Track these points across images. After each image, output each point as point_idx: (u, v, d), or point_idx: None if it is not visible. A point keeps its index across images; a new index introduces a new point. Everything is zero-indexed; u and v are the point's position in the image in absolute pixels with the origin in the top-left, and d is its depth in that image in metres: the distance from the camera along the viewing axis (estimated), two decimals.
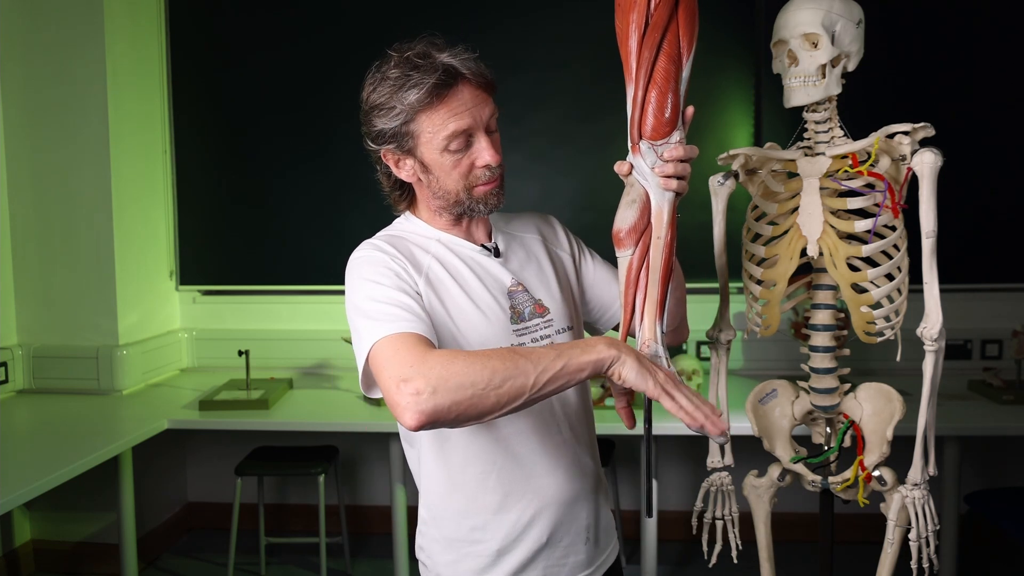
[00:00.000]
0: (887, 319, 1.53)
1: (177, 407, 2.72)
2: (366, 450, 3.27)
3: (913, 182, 1.45)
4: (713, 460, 1.72)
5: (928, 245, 1.42)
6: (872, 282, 1.51)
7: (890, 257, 1.51)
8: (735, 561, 1.75)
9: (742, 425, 1.77)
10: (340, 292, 1.16)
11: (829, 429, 1.65)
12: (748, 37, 2.93)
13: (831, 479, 1.61)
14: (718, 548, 1.72)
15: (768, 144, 1.66)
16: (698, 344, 2.93)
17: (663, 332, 1.04)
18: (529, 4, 3.00)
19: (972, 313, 2.94)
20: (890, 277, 1.51)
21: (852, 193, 1.50)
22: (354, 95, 1.17)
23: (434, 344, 1.03)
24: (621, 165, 1.05)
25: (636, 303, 1.04)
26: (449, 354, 0.96)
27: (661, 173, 1.01)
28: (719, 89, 2.95)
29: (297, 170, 3.15)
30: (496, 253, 1.23)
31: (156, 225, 3.21)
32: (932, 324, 1.44)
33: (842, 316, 1.64)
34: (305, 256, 3.17)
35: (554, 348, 0.98)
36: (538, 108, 3.00)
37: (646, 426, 1.07)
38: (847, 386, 1.62)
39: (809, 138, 1.56)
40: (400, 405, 0.94)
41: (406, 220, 1.25)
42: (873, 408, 1.58)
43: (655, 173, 1.02)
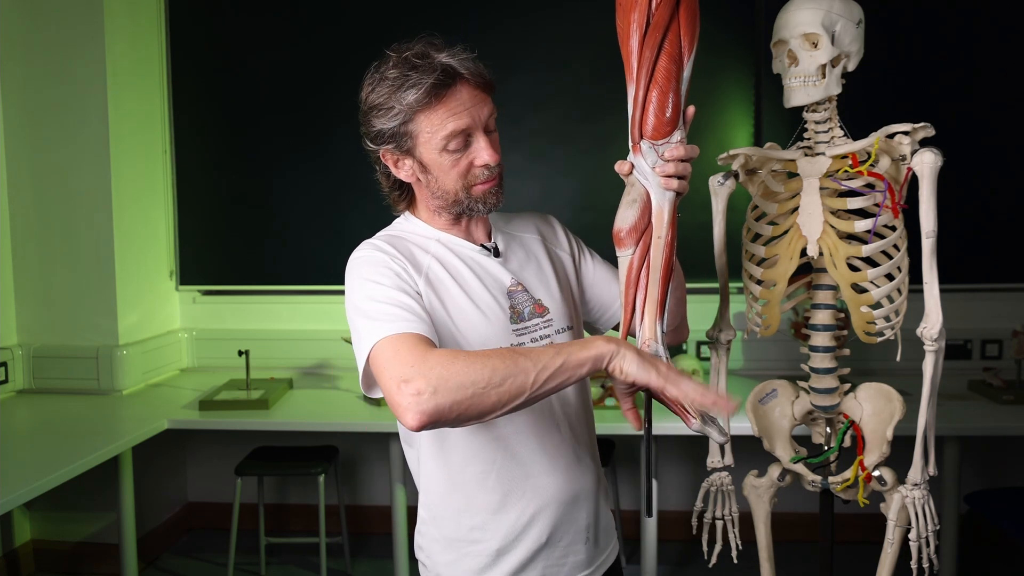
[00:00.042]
0: (887, 319, 1.54)
1: (177, 407, 2.72)
2: (366, 450, 3.27)
3: (913, 182, 1.45)
4: (713, 460, 1.72)
5: (928, 245, 1.42)
6: (872, 282, 1.51)
7: (890, 257, 1.51)
8: (735, 561, 1.75)
9: (742, 425, 1.77)
10: (340, 292, 1.16)
11: (829, 429, 1.65)
12: (748, 37, 2.93)
13: (831, 479, 1.61)
14: (718, 548, 1.72)
15: (768, 144, 1.66)
16: (698, 344, 2.93)
17: (663, 332, 1.04)
18: (529, 4, 3.00)
19: (972, 313, 2.94)
20: (890, 277, 1.51)
21: (852, 193, 1.50)
22: (354, 95, 1.17)
23: (435, 343, 1.03)
24: (622, 165, 1.05)
25: (636, 303, 1.04)
26: (449, 354, 0.96)
27: (662, 173, 1.01)
28: (719, 89, 2.95)
29: (297, 170, 3.15)
30: (496, 253, 1.23)
31: (156, 225, 3.21)
32: (932, 324, 1.44)
33: (842, 316, 1.64)
34: (305, 256, 3.17)
35: (553, 347, 0.98)
36: (538, 108, 3.00)
37: (646, 426, 1.07)
38: (847, 386, 1.62)
39: (809, 138, 1.56)
40: (401, 406, 0.94)
41: (405, 220, 1.25)
42: (873, 408, 1.58)
43: (656, 173, 1.02)
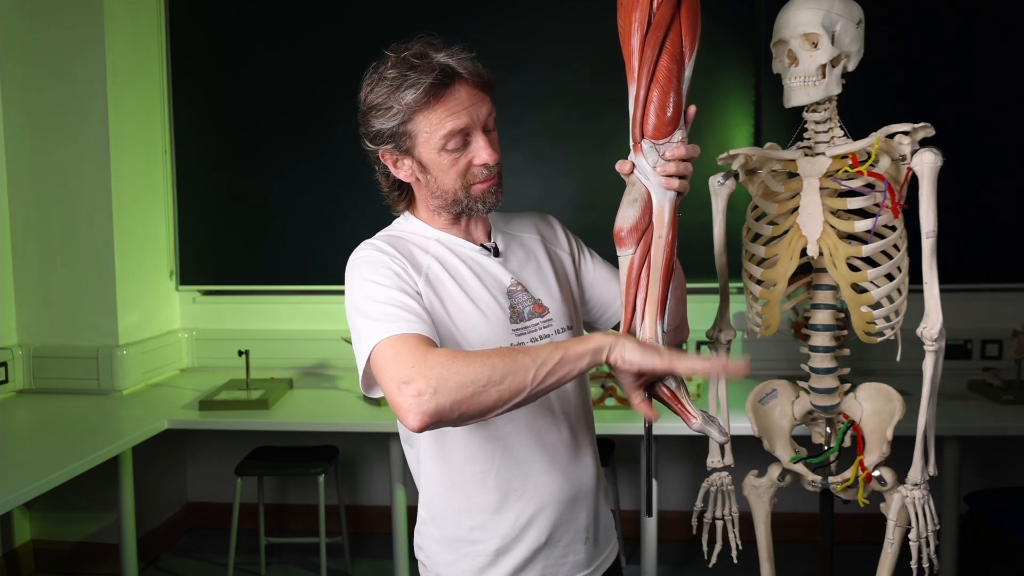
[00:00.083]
0: (887, 319, 1.53)
1: (177, 407, 2.72)
2: (366, 450, 3.27)
3: (913, 182, 1.45)
4: (713, 460, 1.72)
5: (928, 245, 1.42)
6: (872, 282, 1.51)
7: (890, 257, 1.51)
8: (735, 561, 1.75)
9: (742, 425, 1.76)
10: (340, 292, 1.16)
11: (829, 429, 1.65)
12: (748, 37, 2.93)
13: (831, 479, 1.61)
14: (718, 548, 1.72)
15: (768, 144, 1.66)
16: (698, 344, 2.93)
17: (664, 331, 1.04)
18: (529, 4, 3.00)
19: (972, 313, 2.94)
20: (890, 277, 1.51)
21: (852, 193, 1.50)
22: (354, 95, 1.17)
23: (435, 343, 1.03)
24: (623, 164, 1.05)
25: (637, 302, 1.04)
26: (449, 353, 0.96)
27: (663, 172, 1.01)
28: (719, 89, 2.95)
29: (297, 170, 3.15)
30: (495, 253, 1.22)
31: (156, 225, 3.21)
32: (932, 324, 1.44)
33: (842, 316, 1.64)
34: (305, 256, 3.17)
35: (552, 343, 0.99)
36: (538, 108, 3.00)
37: (646, 425, 1.07)
38: (847, 386, 1.62)
39: (809, 138, 1.56)
40: (403, 407, 0.94)
41: (405, 220, 1.25)
42: (873, 408, 1.58)
43: (657, 172, 1.01)
